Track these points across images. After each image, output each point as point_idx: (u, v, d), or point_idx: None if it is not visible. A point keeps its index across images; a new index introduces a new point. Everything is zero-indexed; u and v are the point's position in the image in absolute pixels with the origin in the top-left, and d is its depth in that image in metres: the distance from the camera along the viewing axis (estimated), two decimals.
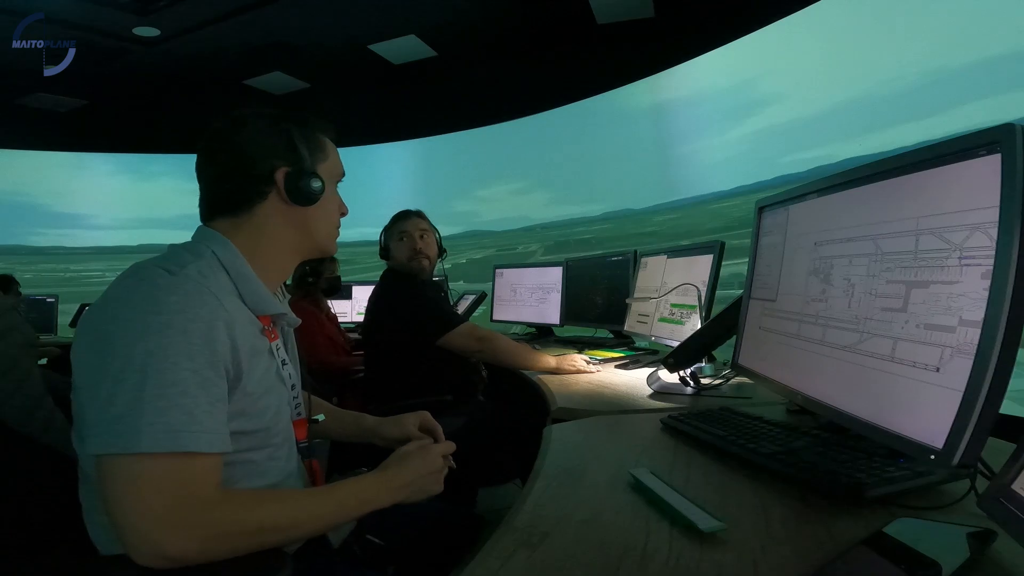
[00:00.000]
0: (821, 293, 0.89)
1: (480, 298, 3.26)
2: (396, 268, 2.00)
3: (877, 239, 0.77)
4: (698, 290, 1.67)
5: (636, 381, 1.52)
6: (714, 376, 1.42)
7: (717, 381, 1.39)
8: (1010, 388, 0.57)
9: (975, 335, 0.59)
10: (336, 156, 0.87)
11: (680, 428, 0.97)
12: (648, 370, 1.59)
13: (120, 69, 4.40)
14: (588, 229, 5.53)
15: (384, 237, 2.03)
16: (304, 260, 0.86)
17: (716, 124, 4.37)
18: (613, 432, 1.06)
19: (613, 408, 1.25)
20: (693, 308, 1.70)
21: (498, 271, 3.09)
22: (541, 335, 2.81)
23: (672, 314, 1.83)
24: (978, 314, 0.59)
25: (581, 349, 2.09)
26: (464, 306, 3.24)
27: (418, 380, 1.85)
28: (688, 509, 0.62)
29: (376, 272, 2.16)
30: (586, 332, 2.61)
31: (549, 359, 1.73)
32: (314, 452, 0.89)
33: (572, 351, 1.91)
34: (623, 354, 1.98)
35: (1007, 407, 0.65)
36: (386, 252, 2.03)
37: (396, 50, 4.37)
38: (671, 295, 1.83)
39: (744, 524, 0.61)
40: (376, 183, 5.94)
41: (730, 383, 1.40)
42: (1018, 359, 0.56)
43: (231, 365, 0.68)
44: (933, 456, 0.61)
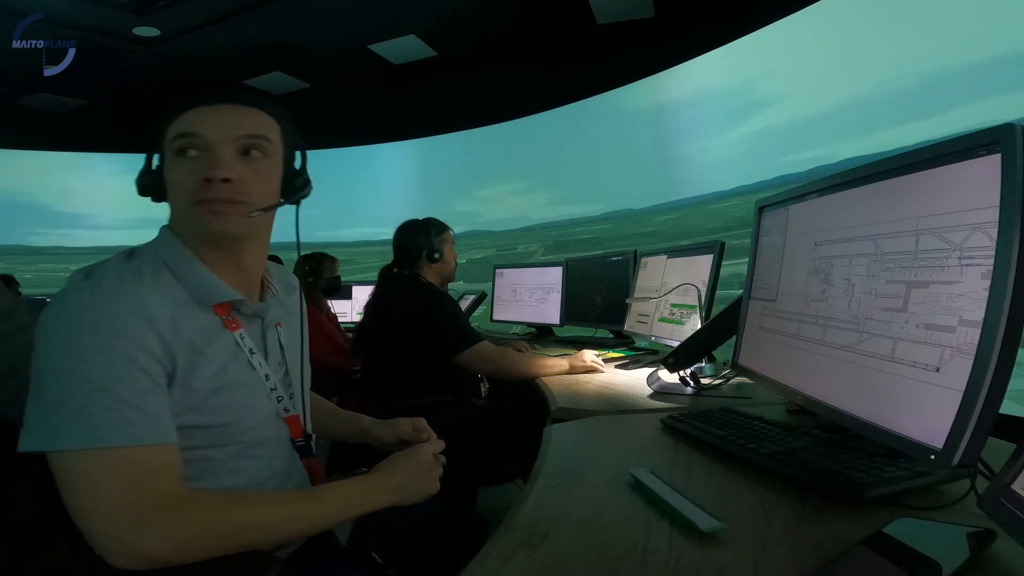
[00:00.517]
0: (821, 293, 0.89)
1: (480, 298, 3.26)
2: (430, 274, 1.97)
3: (877, 239, 0.77)
4: (698, 290, 1.67)
5: (636, 381, 1.52)
6: (714, 376, 1.42)
7: (717, 381, 1.39)
8: (1010, 388, 0.57)
9: (975, 335, 0.58)
10: (176, 126, 0.73)
11: (680, 428, 0.97)
12: (648, 370, 1.59)
13: (120, 69, 4.40)
14: (588, 229, 5.53)
15: (433, 239, 1.97)
16: (214, 248, 0.75)
17: (716, 124, 4.37)
18: (613, 432, 1.06)
19: (613, 408, 1.25)
20: (693, 308, 1.70)
21: (498, 271, 3.09)
22: (541, 335, 2.81)
23: (672, 314, 1.83)
24: (978, 314, 0.59)
25: (581, 349, 2.09)
26: (464, 306, 3.24)
27: (418, 380, 1.85)
28: (688, 509, 0.62)
29: (376, 272, 2.15)
30: (586, 332, 2.61)
31: (561, 361, 1.70)
32: (313, 451, 0.86)
33: (574, 351, 1.91)
34: (623, 354, 1.98)
35: (1007, 407, 0.65)
36: (435, 256, 1.96)
37: (396, 50, 4.37)
38: (671, 295, 1.83)
39: (744, 524, 0.61)
40: (376, 183, 5.94)
41: (730, 383, 1.40)
42: (1018, 359, 0.56)
43: (163, 359, 0.66)
44: (933, 456, 0.61)
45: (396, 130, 5.73)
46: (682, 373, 1.37)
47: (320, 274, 2.89)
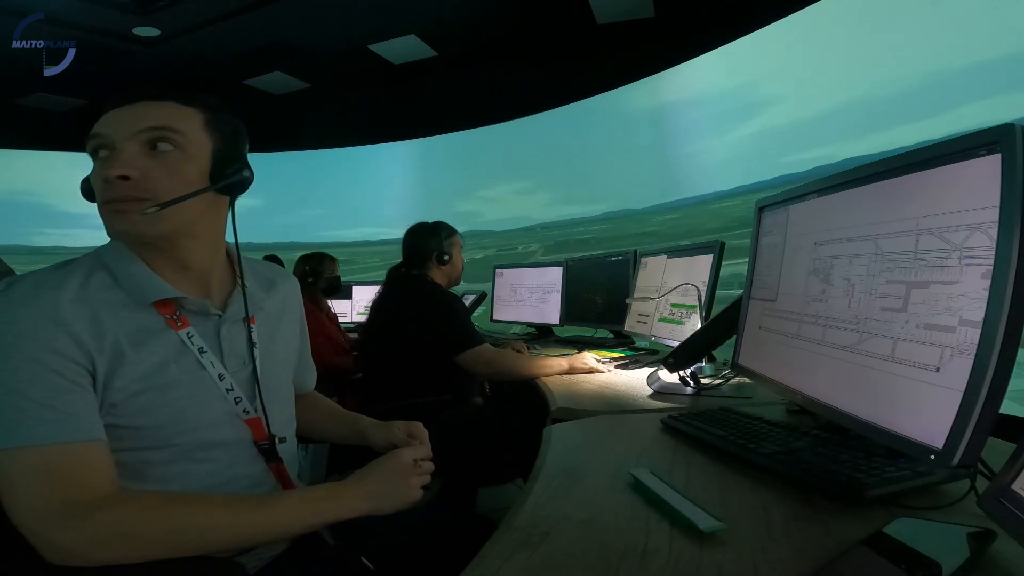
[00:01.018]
0: (821, 293, 0.89)
1: (480, 298, 3.26)
2: (438, 275, 1.98)
3: (877, 239, 0.77)
4: (698, 290, 1.67)
5: (636, 381, 1.52)
6: (714, 376, 1.42)
7: (717, 381, 1.39)
8: (1010, 388, 0.57)
9: (975, 335, 0.59)
10: (95, 128, 0.74)
11: (680, 428, 0.97)
12: (648, 370, 1.59)
13: (120, 69, 4.40)
14: (588, 229, 5.54)
15: (443, 242, 2.00)
16: (148, 248, 0.74)
17: (716, 125, 4.39)
18: (613, 432, 1.06)
19: (613, 408, 1.25)
20: (693, 308, 1.70)
21: (498, 271, 3.09)
22: (541, 335, 2.81)
23: (672, 314, 1.83)
24: (978, 314, 0.59)
25: (581, 349, 2.09)
26: None
27: (418, 380, 1.85)
28: (688, 509, 0.62)
29: (376, 272, 2.15)
30: (586, 332, 2.61)
31: (560, 361, 1.70)
32: (278, 455, 0.81)
33: (574, 352, 1.91)
34: (623, 354, 1.98)
35: (1007, 407, 0.65)
36: (444, 258, 1.99)
37: (396, 50, 4.36)
38: (671, 295, 1.83)
39: (744, 524, 0.61)
40: (376, 183, 5.95)
41: (730, 383, 1.40)
42: (1018, 359, 0.57)
43: (80, 359, 0.65)
44: (933, 456, 0.61)
45: (396, 130, 5.73)
46: (682, 373, 1.37)
47: (320, 274, 2.89)
